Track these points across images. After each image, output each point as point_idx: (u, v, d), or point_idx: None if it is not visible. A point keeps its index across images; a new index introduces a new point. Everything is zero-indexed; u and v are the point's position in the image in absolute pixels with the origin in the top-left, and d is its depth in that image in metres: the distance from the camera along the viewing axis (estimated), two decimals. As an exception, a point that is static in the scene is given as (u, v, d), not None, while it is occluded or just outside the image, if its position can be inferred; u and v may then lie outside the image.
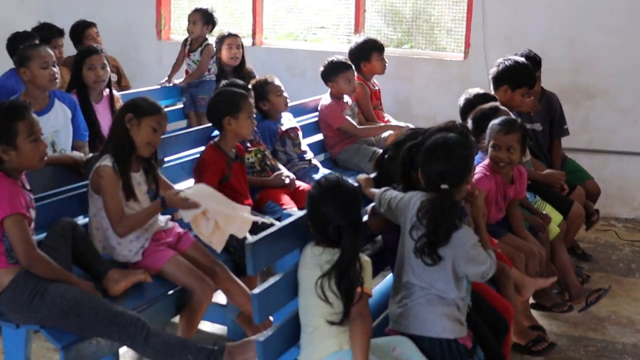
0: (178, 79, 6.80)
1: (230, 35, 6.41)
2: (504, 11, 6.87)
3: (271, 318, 3.59)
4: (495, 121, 4.22)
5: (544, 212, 4.81)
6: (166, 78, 6.78)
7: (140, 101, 3.81)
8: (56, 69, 4.53)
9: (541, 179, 4.97)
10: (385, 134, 5.98)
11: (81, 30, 6.61)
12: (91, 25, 6.70)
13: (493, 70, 5.29)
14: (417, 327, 3.06)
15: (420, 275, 3.08)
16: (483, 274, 3.10)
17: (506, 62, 5.23)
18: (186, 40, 6.79)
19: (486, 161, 4.24)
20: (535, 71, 5.39)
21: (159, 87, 6.71)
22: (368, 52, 6.15)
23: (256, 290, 2.85)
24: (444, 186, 3.05)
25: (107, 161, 3.66)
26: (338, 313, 2.86)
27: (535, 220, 4.68)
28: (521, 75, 5.17)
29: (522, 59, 5.32)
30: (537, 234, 4.64)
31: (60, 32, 6.46)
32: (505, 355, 3.50)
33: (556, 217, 4.94)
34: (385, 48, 6.36)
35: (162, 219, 3.96)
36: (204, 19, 6.63)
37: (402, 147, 3.44)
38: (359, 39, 6.36)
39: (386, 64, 6.23)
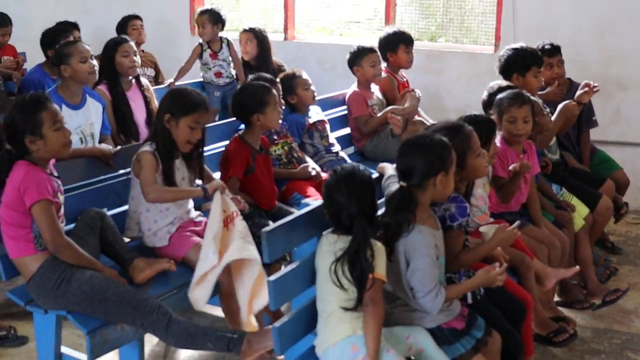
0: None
1: (245, 30, 6.51)
2: (534, 3, 6.85)
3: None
4: (502, 96, 4.33)
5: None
6: (171, 80, 6.61)
7: (178, 98, 3.85)
8: (95, 62, 4.68)
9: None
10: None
11: (125, 22, 6.90)
12: (136, 17, 6.96)
13: (497, 65, 5.34)
14: (399, 324, 3.13)
15: (391, 280, 3.13)
16: (418, 294, 3.06)
17: (506, 53, 5.30)
18: (201, 45, 6.71)
19: (498, 136, 4.30)
20: (537, 52, 5.39)
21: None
22: (395, 43, 6.13)
23: (272, 277, 2.92)
24: (402, 184, 3.11)
25: (147, 147, 3.78)
26: (352, 299, 2.92)
27: (560, 216, 4.69)
28: (524, 57, 5.21)
29: (520, 44, 5.35)
30: (562, 228, 4.65)
31: (74, 26, 6.62)
32: (525, 343, 3.53)
33: (582, 209, 4.94)
34: (414, 41, 6.30)
35: (194, 213, 4.05)
36: (211, 19, 6.58)
37: None
38: (389, 29, 6.37)
39: (413, 58, 6.20)
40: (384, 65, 6.16)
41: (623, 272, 5.39)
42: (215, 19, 6.61)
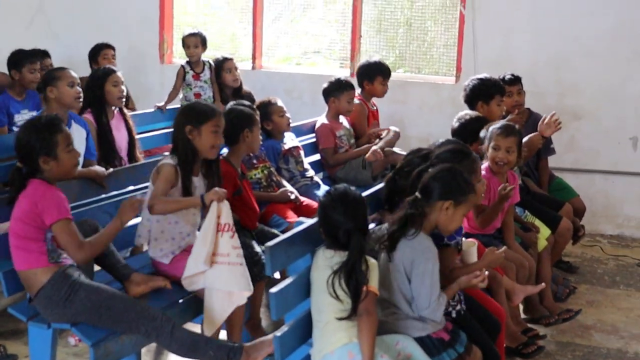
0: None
1: (228, 58, 6.74)
2: (493, 37, 7.24)
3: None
4: (496, 125, 4.63)
5: (532, 226, 5.15)
6: (162, 104, 6.80)
7: (194, 110, 4.02)
8: (80, 90, 4.87)
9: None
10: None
11: (98, 50, 6.98)
12: (109, 46, 7.04)
13: (462, 95, 5.68)
14: (389, 332, 3.35)
15: (387, 287, 3.37)
16: (423, 298, 3.30)
17: (471, 83, 5.64)
18: (183, 67, 6.92)
19: (485, 165, 4.59)
20: (500, 82, 5.75)
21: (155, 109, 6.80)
22: (374, 73, 6.42)
23: (274, 289, 3.14)
24: (417, 195, 3.40)
25: (169, 160, 3.92)
26: (347, 309, 3.15)
27: (527, 238, 4.99)
28: (488, 87, 5.58)
29: (484, 75, 5.71)
30: (528, 249, 4.95)
31: (45, 54, 6.75)
32: (499, 354, 3.78)
33: (545, 231, 5.24)
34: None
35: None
36: (202, 41, 6.90)
37: (413, 168, 3.74)
38: (371, 59, 6.66)
39: (387, 90, 6.50)
40: (358, 91, 6.43)
41: (581, 290, 5.72)
42: (203, 41, 6.92)
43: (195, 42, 6.88)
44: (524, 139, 5.38)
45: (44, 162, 3.55)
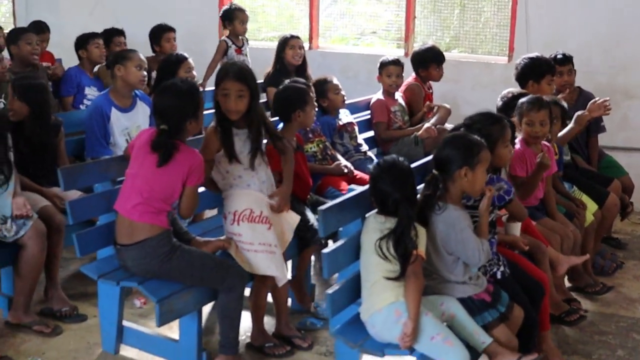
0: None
1: (293, 37, 6.97)
2: (545, 17, 7.32)
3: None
4: (523, 100, 4.72)
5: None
6: (201, 81, 7.06)
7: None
8: (145, 74, 5.27)
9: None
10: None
11: (160, 32, 7.26)
12: (171, 29, 7.31)
13: (514, 73, 5.79)
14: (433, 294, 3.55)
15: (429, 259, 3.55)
16: (471, 258, 3.50)
17: (523, 61, 5.75)
18: (226, 41, 7.39)
19: (518, 137, 4.70)
20: (551, 61, 5.84)
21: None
22: (427, 61, 6.55)
23: (326, 250, 3.38)
24: (434, 172, 3.59)
25: (213, 122, 4.17)
26: (395, 270, 3.37)
27: (570, 207, 5.12)
28: (539, 66, 5.67)
29: (536, 54, 5.81)
30: (573, 219, 5.08)
31: (121, 32, 7.18)
32: (543, 318, 3.98)
33: (592, 206, 5.35)
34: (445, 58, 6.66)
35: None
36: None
37: None
38: (423, 45, 6.78)
39: (443, 73, 6.63)
40: (413, 75, 6.60)
41: (628, 265, 5.81)
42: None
43: (246, 18, 7.38)
44: (575, 116, 5.51)
45: (189, 124, 3.85)
